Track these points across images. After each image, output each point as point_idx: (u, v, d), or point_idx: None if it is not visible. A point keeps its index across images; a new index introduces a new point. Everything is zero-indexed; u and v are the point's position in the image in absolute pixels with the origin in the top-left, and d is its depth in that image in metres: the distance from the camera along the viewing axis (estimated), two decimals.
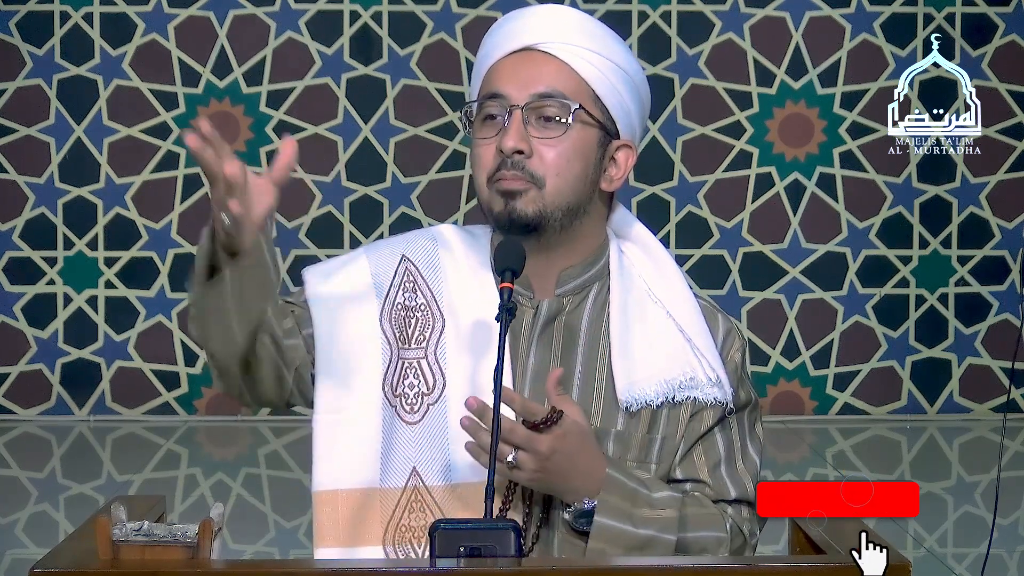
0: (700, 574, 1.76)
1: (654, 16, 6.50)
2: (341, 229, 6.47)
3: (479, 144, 2.05)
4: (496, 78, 2.07)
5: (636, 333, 2.08)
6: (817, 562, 1.86)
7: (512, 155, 2.02)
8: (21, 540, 4.77)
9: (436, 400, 2.04)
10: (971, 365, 6.61)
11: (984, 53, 6.53)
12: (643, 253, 2.14)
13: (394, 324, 2.07)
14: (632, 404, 2.04)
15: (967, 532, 4.89)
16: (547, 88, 2.04)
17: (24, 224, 6.45)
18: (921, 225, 6.58)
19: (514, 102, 2.03)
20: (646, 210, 6.51)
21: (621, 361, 2.06)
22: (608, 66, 2.09)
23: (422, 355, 2.06)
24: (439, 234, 2.14)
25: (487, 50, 2.11)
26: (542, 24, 2.09)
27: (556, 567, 1.77)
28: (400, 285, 2.09)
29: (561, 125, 2.04)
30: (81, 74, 6.43)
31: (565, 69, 2.06)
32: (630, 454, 2.05)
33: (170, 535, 1.71)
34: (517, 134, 2.02)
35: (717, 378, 2.08)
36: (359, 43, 6.48)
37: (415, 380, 2.05)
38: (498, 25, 2.13)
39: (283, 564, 1.99)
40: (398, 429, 2.04)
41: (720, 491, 2.09)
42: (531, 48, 2.07)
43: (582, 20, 2.13)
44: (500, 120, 2.04)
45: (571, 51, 2.07)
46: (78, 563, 1.72)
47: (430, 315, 2.08)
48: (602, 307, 2.09)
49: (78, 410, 6.48)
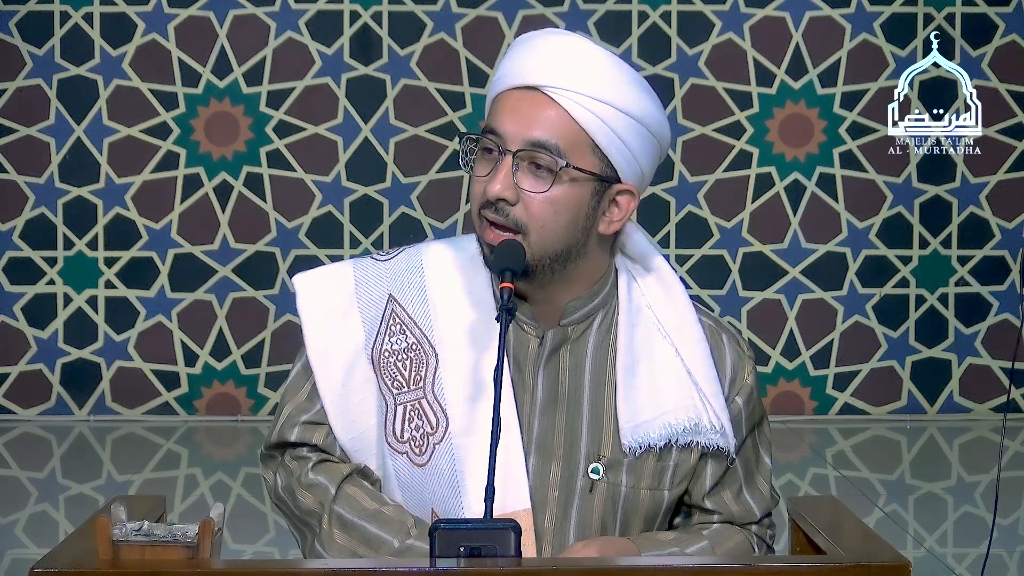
0: (700, 574, 1.76)
1: (654, 16, 6.50)
2: (341, 229, 6.47)
3: (473, 179, 2.03)
4: (499, 112, 2.03)
5: (642, 372, 2.07)
6: (817, 562, 1.86)
7: (497, 202, 1.99)
8: (21, 540, 4.77)
9: (441, 439, 2.04)
10: (971, 365, 6.61)
11: (984, 53, 6.53)
12: (656, 283, 2.12)
13: (385, 373, 2.06)
14: (636, 448, 2.04)
15: (967, 532, 4.89)
16: (542, 136, 2.00)
17: (24, 224, 6.44)
18: (921, 225, 6.58)
19: (508, 146, 2.00)
20: (646, 210, 6.51)
21: (625, 405, 2.05)
22: (612, 114, 2.02)
23: (421, 395, 2.05)
24: (427, 261, 2.11)
25: (501, 75, 2.06)
26: (550, 64, 2.02)
27: (556, 567, 1.77)
28: (387, 331, 2.08)
29: (549, 176, 2.00)
30: (81, 74, 6.43)
31: (565, 117, 2.01)
32: (643, 482, 2.06)
33: (170, 535, 1.71)
34: (504, 181, 1.99)
35: (721, 427, 2.08)
36: (359, 43, 6.48)
37: (420, 422, 2.05)
38: (517, 48, 2.07)
39: (283, 564, 1.99)
40: (412, 473, 2.05)
41: (747, 514, 2.12)
42: (535, 88, 2.01)
43: (595, 61, 2.04)
44: (494, 158, 2.02)
45: (573, 99, 2.00)
46: (78, 563, 1.72)
47: (422, 353, 2.06)
48: (607, 331, 2.08)
49: (78, 410, 6.48)
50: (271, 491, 2.11)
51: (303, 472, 2.07)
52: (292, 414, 2.09)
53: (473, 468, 2.00)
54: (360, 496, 2.04)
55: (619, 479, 2.04)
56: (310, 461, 2.07)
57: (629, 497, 2.05)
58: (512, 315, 1.95)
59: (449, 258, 2.11)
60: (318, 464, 2.07)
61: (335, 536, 2.02)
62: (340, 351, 2.08)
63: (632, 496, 2.05)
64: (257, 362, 6.48)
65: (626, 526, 2.06)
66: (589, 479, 2.04)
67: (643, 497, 2.05)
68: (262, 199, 6.47)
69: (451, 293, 2.09)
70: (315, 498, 2.05)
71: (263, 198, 6.47)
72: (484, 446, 1.95)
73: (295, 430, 2.09)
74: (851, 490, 5.30)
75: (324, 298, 2.11)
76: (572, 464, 2.04)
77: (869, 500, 5.15)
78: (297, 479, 2.06)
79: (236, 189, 6.47)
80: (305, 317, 2.11)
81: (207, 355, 6.48)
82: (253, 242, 6.47)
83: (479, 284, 2.09)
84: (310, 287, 2.13)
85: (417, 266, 2.11)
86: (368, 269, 2.12)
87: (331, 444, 2.08)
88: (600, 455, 2.04)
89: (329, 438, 2.08)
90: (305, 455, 2.08)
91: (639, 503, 2.05)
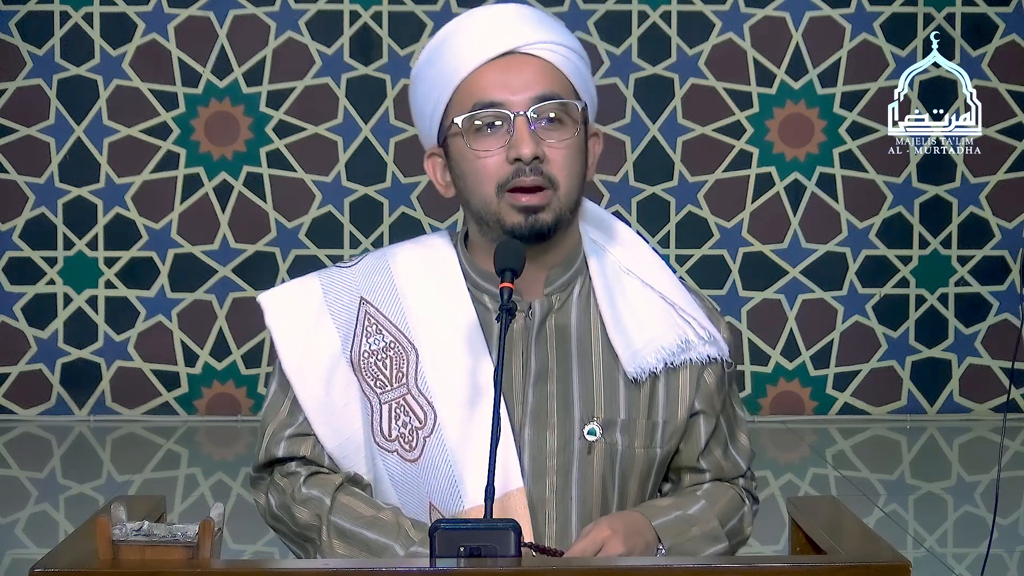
0: (700, 574, 1.76)
1: (654, 16, 6.50)
2: (341, 229, 6.47)
3: (482, 156, 2.03)
4: (482, 87, 2.04)
5: (621, 307, 2.10)
6: (817, 562, 1.86)
7: (531, 162, 2.00)
8: (21, 540, 4.77)
9: (430, 432, 2.04)
10: (971, 365, 6.61)
11: (984, 53, 6.53)
12: (606, 233, 2.16)
13: (366, 374, 2.07)
14: (640, 375, 2.08)
15: (967, 532, 4.89)
16: (545, 90, 2.03)
17: (24, 224, 6.45)
18: (921, 225, 6.58)
19: (515, 109, 2.02)
20: (646, 210, 6.51)
21: (618, 336, 2.08)
22: (576, 56, 2.09)
23: (405, 391, 2.06)
24: (393, 260, 2.13)
25: (455, 60, 2.05)
26: (513, 27, 2.06)
27: (556, 567, 1.77)
28: (363, 333, 2.09)
29: (568, 126, 2.04)
30: (81, 74, 6.43)
31: (550, 68, 2.05)
32: (637, 440, 2.08)
33: (170, 535, 1.71)
34: (533, 140, 2.01)
35: (709, 335, 2.12)
36: (359, 43, 6.48)
37: (407, 418, 2.06)
38: (456, 32, 2.08)
39: (283, 564, 1.99)
40: (405, 470, 2.05)
41: (735, 468, 2.18)
42: (512, 52, 2.05)
43: (538, 14, 2.11)
44: (503, 129, 2.03)
45: (550, 48, 2.06)
46: (78, 563, 1.72)
47: (401, 350, 2.07)
48: (587, 298, 2.11)
49: (78, 410, 6.48)
50: (265, 513, 2.11)
51: (296, 488, 2.07)
52: (276, 431, 2.10)
53: (466, 456, 2.01)
54: (355, 504, 2.04)
55: (615, 438, 2.07)
56: (300, 476, 2.07)
57: (625, 456, 2.07)
58: (512, 315, 1.95)
59: (415, 255, 2.13)
60: (309, 478, 2.07)
61: (336, 547, 2.02)
62: (317, 360, 2.08)
63: (628, 455, 2.08)
64: (257, 362, 6.48)
65: (624, 486, 2.08)
66: (586, 441, 2.06)
67: (638, 456, 2.08)
68: (262, 199, 6.47)
69: (422, 288, 2.10)
70: (311, 511, 2.05)
71: (263, 198, 6.47)
72: (474, 434, 2.00)
73: (282, 445, 2.09)
74: (851, 490, 5.30)
75: (293, 312, 2.11)
76: (567, 430, 2.06)
77: (869, 500, 5.15)
78: (291, 496, 2.07)
79: (236, 189, 6.47)
80: (276, 333, 2.11)
81: (207, 355, 6.48)
82: (253, 242, 6.47)
83: (448, 274, 2.11)
84: (277, 303, 2.13)
85: (384, 267, 2.12)
86: (334, 277, 2.13)
87: (319, 454, 2.08)
88: (594, 416, 2.06)
89: (316, 448, 2.08)
90: (294, 470, 2.08)
91: (635, 461, 2.08)
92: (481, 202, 2.04)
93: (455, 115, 2.05)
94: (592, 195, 7.08)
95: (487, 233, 2.07)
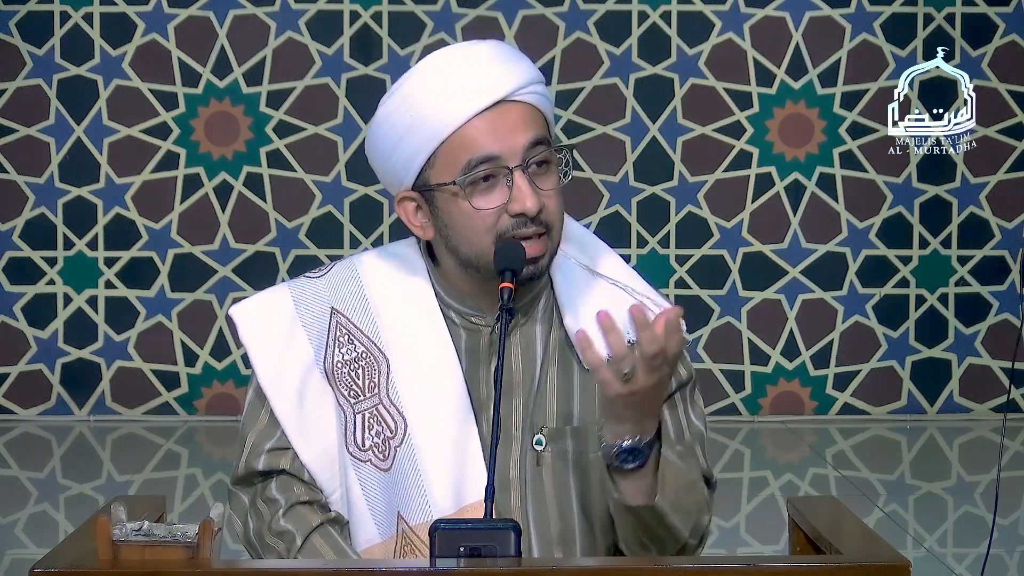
0: (700, 574, 1.76)
1: (654, 16, 6.50)
2: (341, 229, 6.47)
3: (484, 213, 2.01)
4: (474, 141, 2.01)
5: (576, 298, 2.10)
6: (817, 562, 1.86)
7: (536, 216, 2.00)
8: (21, 540, 4.77)
9: (401, 442, 2.04)
10: (971, 365, 6.61)
11: (984, 53, 6.53)
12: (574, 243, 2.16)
13: (341, 384, 2.07)
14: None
15: (967, 532, 4.89)
16: (533, 136, 2.02)
17: (24, 224, 6.45)
18: (921, 225, 6.58)
19: (512, 162, 2.00)
20: (646, 210, 6.51)
21: (573, 325, 2.07)
22: (545, 90, 2.08)
23: (377, 401, 2.06)
24: (362, 270, 2.12)
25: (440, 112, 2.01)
26: (498, 72, 2.03)
27: (556, 567, 1.77)
28: (335, 343, 2.09)
29: (553, 168, 2.04)
30: (81, 74, 6.43)
31: (534, 112, 2.04)
32: (589, 446, 2.08)
33: (170, 535, 1.71)
34: (535, 194, 2.00)
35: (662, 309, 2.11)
36: (359, 43, 6.48)
37: (380, 427, 2.06)
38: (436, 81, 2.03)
39: (283, 564, 1.99)
40: (377, 480, 2.05)
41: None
42: (499, 101, 2.02)
43: (512, 52, 2.09)
44: (500, 183, 2.01)
45: (532, 92, 2.05)
46: (78, 563, 1.72)
47: (373, 360, 2.07)
48: (551, 311, 2.11)
49: (78, 410, 6.48)
50: (241, 535, 2.12)
51: (274, 518, 2.07)
52: (256, 442, 2.09)
53: (433, 464, 2.02)
54: (324, 550, 2.04)
55: (564, 446, 2.06)
56: (280, 507, 2.07)
57: (579, 463, 2.07)
58: (512, 315, 1.96)
59: (383, 264, 2.13)
60: (289, 510, 2.07)
61: None
62: (291, 370, 2.08)
63: (581, 462, 2.07)
64: None
65: (584, 496, 2.07)
66: (535, 452, 2.06)
67: (592, 461, 2.07)
68: (262, 199, 6.47)
69: (392, 297, 2.10)
70: (284, 545, 2.05)
71: (263, 198, 6.47)
72: (443, 444, 2.02)
73: (262, 459, 2.09)
74: (851, 490, 5.30)
75: (266, 323, 2.11)
76: (526, 442, 2.07)
77: (869, 500, 5.15)
78: (268, 525, 2.07)
79: (236, 189, 6.47)
80: (250, 346, 2.11)
81: (207, 355, 6.48)
82: (253, 242, 6.47)
83: (418, 285, 2.10)
84: (249, 316, 2.13)
85: (353, 276, 2.12)
86: (305, 287, 2.12)
87: (299, 468, 2.08)
88: (542, 427, 2.06)
89: (296, 462, 2.08)
90: (275, 498, 2.08)
91: (590, 468, 2.07)
92: (476, 252, 2.03)
93: (445, 169, 2.02)
94: (592, 195, 7.03)
95: (470, 270, 2.06)
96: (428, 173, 2.04)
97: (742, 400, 6.56)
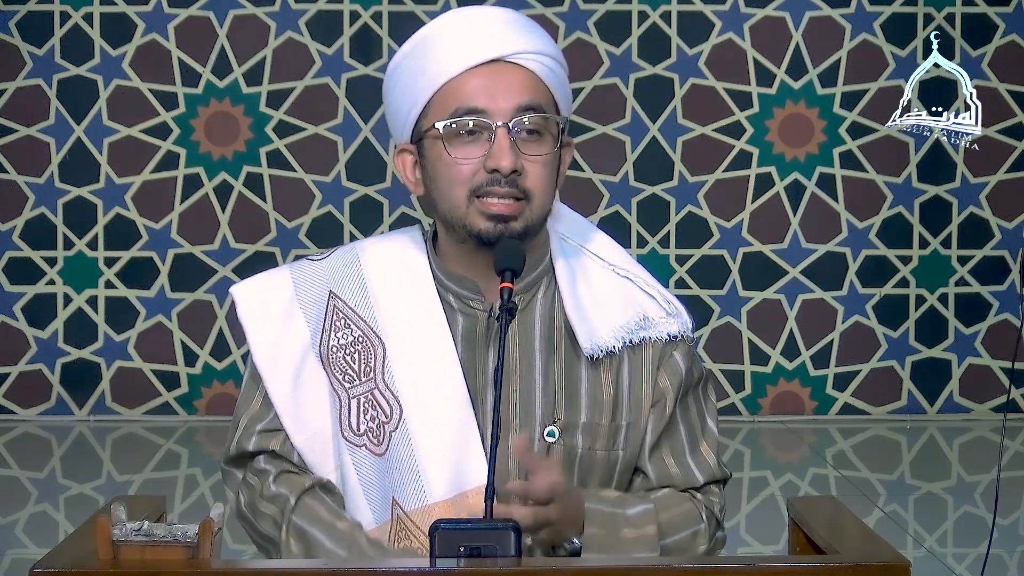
0: (700, 574, 1.76)
1: (654, 16, 6.50)
2: (341, 229, 6.47)
3: (460, 162, 2.02)
4: (465, 93, 2.03)
5: (582, 289, 2.09)
6: (817, 562, 1.86)
7: (509, 175, 2.00)
8: (21, 540, 4.77)
9: (396, 427, 2.04)
10: (971, 365, 6.61)
11: (984, 53, 6.53)
12: (575, 230, 2.16)
13: (335, 369, 2.08)
14: (595, 352, 2.06)
15: (967, 532, 4.89)
16: (529, 101, 2.03)
17: (24, 224, 6.45)
18: (921, 225, 6.58)
19: (498, 119, 2.01)
20: (646, 210, 6.51)
21: (576, 315, 2.07)
22: (558, 67, 2.08)
23: (373, 386, 2.06)
24: (363, 254, 2.13)
25: (439, 61, 2.04)
26: (501, 33, 2.05)
27: (556, 567, 1.77)
28: (331, 327, 2.09)
29: (546, 140, 2.03)
30: (81, 74, 6.43)
31: (534, 79, 2.05)
32: (599, 443, 2.07)
33: (170, 535, 1.71)
34: (513, 153, 2.00)
35: (671, 307, 2.11)
36: (359, 43, 6.48)
37: (375, 412, 2.06)
38: (441, 32, 2.07)
39: (282, 564, 1.99)
40: (372, 465, 2.05)
41: (688, 479, 2.11)
42: (498, 60, 2.04)
43: (528, 22, 2.10)
44: (483, 137, 2.02)
45: (535, 59, 2.05)
46: (78, 563, 1.72)
47: (369, 344, 2.07)
48: (552, 299, 2.10)
49: (78, 410, 6.48)
50: (234, 510, 2.12)
51: (265, 485, 2.07)
52: (248, 424, 2.11)
53: (429, 451, 2.02)
54: (317, 508, 2.04)
55: (574, 441, 2.06)
56: (270, 474, 2.08)
57: (585, 459, 2.07)
58: (512, 315, 1.95)
59: (385, 250, 2.14)
60: (279, 476, 2.07)
61: (292, 546, 2.02)
62: (288, 351, 2.09)
63: (588, 458, 2.07)
64: None
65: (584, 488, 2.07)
66: (545, 443, 2.06)
67: (599, 459, 2.07)
68: (262, 199, 6.47)
69: (390, 282, 2.10)
70: (277, 508, 2.05)
71: (263, 198, 6.47)
72: (438, 430, 2.01)
73: (252, 439, 2.10)
74: (851, 490, 5.30)
75: (265, 304, 2.12)
76: (528, 432, 2.05)
77: (869, 500, 5.15)
78: (259, 493, 2.07)
79: (236, 189, 6.47)
80: (248, 325, 2.12)
81: (207, 355, 6.48)
82: (253, 242, 6.47)
83: (417, 269, 2.10)
84: (249, 295, 2.14)
85: (354, 260, 2.13)
86: (305, 270, 2.13)
87: (289, 450, 2.09)
88: (555, 418, 2.06)
89: (287, 444, 2.09)
90: (264, 467, 2.09)
91: (594, 465, 2.07)
92: (450, 205, 2.04)
93: (435, 117, 2.04)
94: (592, 195, 7.04)
95: (453, 236, 2.07)
96: (422, 123, 2.07)
97: (742, 400, 6.56)
